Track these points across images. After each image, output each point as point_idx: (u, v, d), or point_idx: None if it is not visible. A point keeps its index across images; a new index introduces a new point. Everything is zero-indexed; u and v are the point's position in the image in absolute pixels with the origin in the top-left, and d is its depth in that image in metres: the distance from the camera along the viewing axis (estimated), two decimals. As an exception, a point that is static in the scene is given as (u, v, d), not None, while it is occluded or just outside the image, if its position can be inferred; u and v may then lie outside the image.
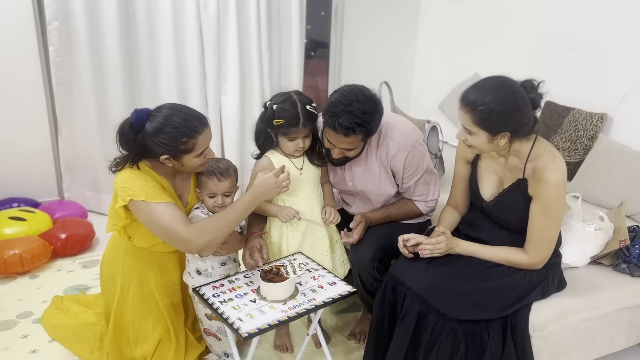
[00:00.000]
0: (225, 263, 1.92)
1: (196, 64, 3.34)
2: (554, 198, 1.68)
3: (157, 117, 1.68)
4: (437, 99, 3.97)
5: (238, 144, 3.62)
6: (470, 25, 3.82)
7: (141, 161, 1.77)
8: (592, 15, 2.91)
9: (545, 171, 1.66)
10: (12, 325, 2.26)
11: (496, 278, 1.76)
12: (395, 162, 2.01)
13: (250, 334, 1.50)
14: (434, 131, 2.90)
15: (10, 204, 3.14)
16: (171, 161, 1.73)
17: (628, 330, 2.04)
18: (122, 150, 1.76)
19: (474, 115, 1.65)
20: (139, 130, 1.68)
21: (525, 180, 1.73)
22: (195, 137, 1.69)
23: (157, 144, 1.67)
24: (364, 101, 1.81)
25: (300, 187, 2.00)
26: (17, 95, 3.12)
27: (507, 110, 1.62)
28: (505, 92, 1.63)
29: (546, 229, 1.72)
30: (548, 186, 1.66)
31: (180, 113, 1.70)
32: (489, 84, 1.67)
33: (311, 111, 1.89)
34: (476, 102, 1.64)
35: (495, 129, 1.66)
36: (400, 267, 1.86)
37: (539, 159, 1.70)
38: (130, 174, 1.73)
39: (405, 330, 1.74)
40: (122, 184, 1.70)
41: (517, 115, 1.63)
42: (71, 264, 2.79)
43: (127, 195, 1.68)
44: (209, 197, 1.83)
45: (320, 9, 4.09)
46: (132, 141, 1.70)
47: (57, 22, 2.94)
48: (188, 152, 1.70)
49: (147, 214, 1.68)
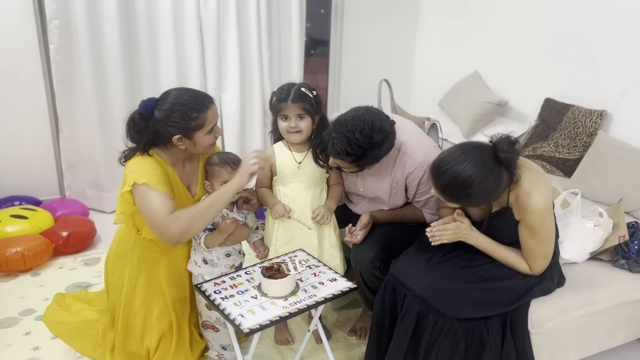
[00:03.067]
0: (230, 254, 1.95)
1: (196, 61, 3.35)
2: (540, 223, 1.67)
3: (166, 100, 1.75)
4: (437, 96, 3.98)
5: (238, 141, 3.63)
6: (470, 23, 3.83)
7: (152, 149, 1.83)
8: (592, 13, 2.92)
9: (528, 199, 1.64)
10: (15, 323, 2.27)
11: (495, 278, 1.77)
12: (410, 179, 1.99)
13: (251, 329, 1.51)
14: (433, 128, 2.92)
15: (12, 202, 3.14)
16: (183, 141, 1.78)
17: (627, 325, 2.05)
18: (132, 141, 1.81)
19: (458, 202, 1.69)
20: (148, 118, 1.75)
21: (509, 209, 1.73)
22: (204, 111, 1.76)
23: (169, 124, 1.73)
24: (369, 135, 1.76)
25: (295, 180, 2.01)
26: (18, 94, 3.13)
27: (488, 195, 1.62)
28: (481, 180, 1.57)
29: (538, 248, 1.73)
30: (532, 213, 1.66)
31: (188, 92, 1.80)
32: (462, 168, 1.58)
33: (305, 92, 1.91)
34: (456, 195, 1.63)
35: (480, 203, 1.73)
36: (400, 267, 1.87)
37: (520, 188, 1.67)
38: (140, 160, 1.79)
39: (405, 330, 1.75)
40: (130, 169, 1.76)
41: (496, 193, 1.63)
42: (73, 261, 2.80)
43: (131, 180, 1.73)
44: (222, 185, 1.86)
45: (320, 6, 4.10)
46: (143, 129, 1.76)
47: (58, 20, 2.95)
48: (199, 128, 1.77)
49: (142, 198, 1.73)
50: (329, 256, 2.09)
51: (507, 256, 1.79)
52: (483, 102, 3.42)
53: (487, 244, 1.80)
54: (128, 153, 1.84)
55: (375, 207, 2.13)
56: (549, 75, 3.22)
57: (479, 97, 3.48)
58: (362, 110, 1.81)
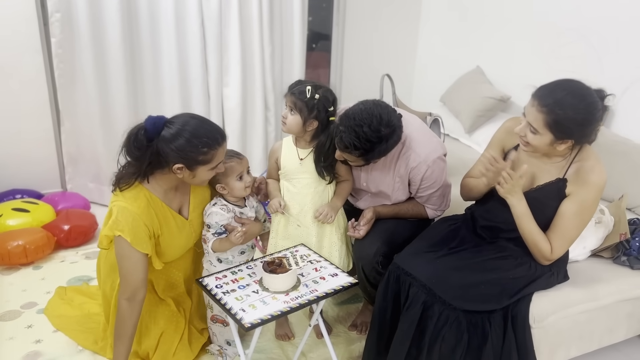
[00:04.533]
0: (244, 252, 1.97)
1: (198, 56, 3.34)
2: (592, 201, 1.68)
3: (177, 124, 1.65)
4: (439, 91, 3.97)
5: (240, 136, 3.62)
6: (472, 18, 3.82)
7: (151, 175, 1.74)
8: (594, 8, 2.91)
9: (591, 173, 1.66)
10: (17, 316, 2.28)
11: (501, 270, 1.78)
12: (413, 174, 1.99)
13: (253, 324, 1.51)
14: (435, 124, 2.91)
15: (14, 195, 3.15)
16: (183, 171, 1.68)
17: (627, 322, 2.06)
18: (129, 157, 1.69)
19: (547, 117, 1.61)
20: (153, 137, 1.63)
21: (564, 180, 1.72)
22: (216, 148, 1.68)
23: (175, 150, 1.63)
24: (377, 128, 1.76)
25: (298, 176, 2.02)
26: (20, 87, 3.12)
27: (584, 121, 1.60)
28: (586, 104, 1.59)
29: (574, 229, 1.73)
30: (590, 188, 1.66)
31: (203, 123, 1.69)
32: (571, 88, 1.62)
33: (304, 91, 1.90)
34: (554, 105, 1.60)
35: (563, 136, 1.63)
36: (405, 257, 1.87)
37: (585, 161, 1.69)
38: (129, 207, 1.69)
39: (411, 319, 1.75)
40: (119, 214, 1.68)
41: (589, 127, 1.62)
42: (74, 255, 2.81)
43: (117, 229, 1.67)
44: (238, 179, 1.85)
45: (322, 0, 4.08)
46: (145, 147, 1.64)
47: (59, 13, 2.94)
48: (205, 163, 1.68)
49: (122, 253, 1.70)
50: (327, 254, 2.09)
51: (535, 231, 1.75)
52: (485, 98, 3.41)
53: (527, 210, 1.75)
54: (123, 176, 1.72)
55: (377, 202, 2.13)
56: (551, 71, 3.18)
57: (481, 92, 3.47)
58: (370, 104, 1.81)
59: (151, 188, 1.75)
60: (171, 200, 1.83)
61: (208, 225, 1.88)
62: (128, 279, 1.72)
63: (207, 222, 1.89)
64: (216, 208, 1.87)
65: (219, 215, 1.86)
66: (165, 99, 3.39)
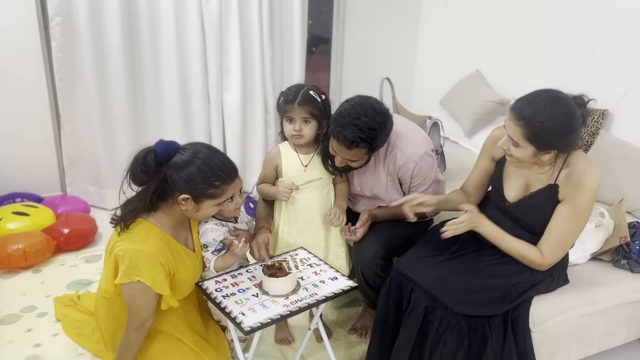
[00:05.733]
0: (242, 264, 1.94)
1: (198, 59, 3.34)
2: (586, 204, 1.67)
3: (189, 151, 1.58)
4: (439, 95, 3.97)
5: (240, 140, 3.62)
6: (472, 22, 3.82)
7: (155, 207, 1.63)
8: (594, 11, 2.91)
9: (583, 176, 1.66)
10: (16, 319, 2.28)
11: (502, 275, 1.78)
12: (402, 172, 2.00)
13: (252, 328, 1.51)
14: (435, 127, 2.91)
15: (14, 198, 3.15)
16: (187, 203, 1.59)
17: (628, 325, 2.05)
18: (134, 182, 1.59)
19: (526, 130, 1.61)
20: (162, 162, 1.56)
21: (556, 186, 1.72)
22: (228, 183, 1.61)
23: (185, 179, 1.55)
24: (373, 116, 1.78)
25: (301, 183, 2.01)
26: (20, 91, 3.13)
27: (562, 132, 1.60)
28: (564, 113, 1.59)
29: (569, 234, 1.72)
30: (584, 191, 1.65)
31: (218, 155, 1.62)
32: (547, 99, 1.61)
33: (313, 96, 1.89)
34: (531, 118, 1.59)
35: (545, 147, 1.63)
36: (407, 262, 1.87)
37: (575, 165, 1.69)
38: (142, 248, 1.56)
39: (413, 325, 1.75)
40: (133, 260, 1.54)
41: (569, 137, 1.62)
42: (74, 258, 2.81)
43: (135, 275, 1.54)
44: (229, 201, 1.71)
45: (322, 4, 4.09)
46: (153, 172, 1.56)
47: (60, 17, 2.95)
48: (214, 197, 1.60)
49: (136, 294, 1.59)
50: (334, 257, 2.10)
51: (517, 245, 1.78)
52: (485, 101, 3.41)
53: (498, 232, 1.80)
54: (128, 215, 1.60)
55: (374, 205, 2.14)
56: (551, 74, 3.21)
57: (480, 95, 3.48)
58: (356, 99, 1.85)
59: (160, 224, 1.65)
60: (179, 235, 1.74)
61: (205, 245, 1.80)
62: (140, 314, 1.63)
63: (203, 242, 1.80)
64: (210, 225, 1.81)
65: (215, 231, 1.80)
66: (165, 103, 3.39)
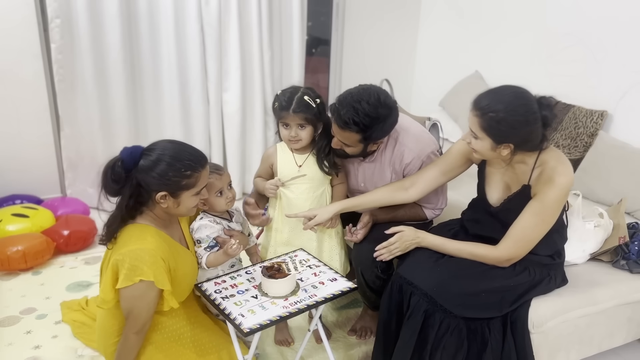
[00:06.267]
0: (234, 265, 1.94)
1: (198, 61, 3.35)
2: (554, 200, 1.68)
3: (156, 151, 1.58)
4: (438, 96, 3.97)
5: (239, 142, 3.63)
6: (471, 23, 3.83)
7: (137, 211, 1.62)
8: (593, 12, 2.91)
9: (554, 173, 1.66)
10: (16, 321, 2.28)
11: (501, 278, 1.77)
12: (409, 170, 2.00)
13: (251, 329, 1.51)
14: (434, 128, 2.92)
15: (13, 200, 3.15)
16: (167, 200, 1.59)
17: (627, 326, 2.05)
18: (107, 193, 1.60)
19: (482, 120, 1.65)
20: (131, 168, 1.56)
21: (529, 187, 1.73)
22: (199, 170, 1.61)
23: (157, 177, 1.55)
24: (375, 105, 1.78)
25: (296, 182, 2.02)
26: (20, 93, 3.13)
27: (516, 122, 1.61)
28: (518, 105, 1.61)
29: (532, 229, 1.72)
30: (553, 187, 1.66)
31: (184, 147, 1.63)
32: (505, 92, 1.65)
33: (308, 102, 1.89)
34: (487, 108, 1.63)
35: (500, 139, 1.66)
36: (407, 266, 1.87)
37: (546, 164, 1.70)
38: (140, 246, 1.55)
39: (413, 329, 1.75)
40: (133, 260, 1.52)
41: (524, 129, 1.62)
42: (74, 260, 2.81)
43: (136, 276, 1.52)
44: (218, 195, 1.81)
45: (321, 6, 4.10)
46: (123, 180, 1.56)
47: (59, 19, 2.95)
48: (189, 187, 1.61)
49: (138, 295, 1.55)
50: (328, 259, 2.09)
51: (464, 247, 1.82)
52: (484, 102, 3.41)
53: (440, 241, 1.85)
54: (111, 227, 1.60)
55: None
56: (549, 75, 3.21)
57: (480, 97, 3.48)
58: (368, 85, 1.85)
59: (152, 224, 1.65)
60: (172, 233, 1.73)
61: (198, 241, 1.81)
62: (141, 316, 1.60)
63: (196, 237, 1.82)
64: (204, 221, 1.82)
65: (209, 227, 1.81)
66: (165, 104, 3.39)
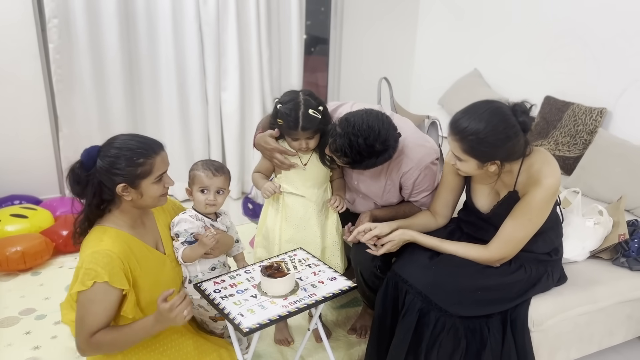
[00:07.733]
0: (215, 268, 1.87)
1: (196, 60, 3.34)
2: (541, 201, 1.66)
3: (111, 146, 1.60)
4: (437, 94, 3.97)
5: (238, 141, 3.63)
6: (470, 21, 3.82)
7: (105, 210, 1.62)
8: (591, 10, 2.91)
9: (541, 175, 1.65)
10: (15, 322, 2.28)
11: (497, 275, 1.77)
12: (405, 178, 1.99)
13: (251, 329, 1.51)
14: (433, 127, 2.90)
15: (12, 201, 3.15)
16: (129, 191, 1.59)
17: (627, 323, 2.05)
18: (74, 194, 1.62)
19: (463, 144, 1.63)
20: (90, 167, 1.58)
21: (516, 192, 1.73)
22: (152, 157, 1.59)
23: (113, 172, 1.56)
24: (371, 144, 1.75)
25: (301, 181, 2.02)
26: (18, 93, 3.13)
27: (497, 141, 1.60)
28: (497, 122, 1.59)
29: (519, 229, 1.71)
30: (539, 188, 1.65)
31: (135, 137, 1.63)
32: (480, 111, 1.62)
33: (314, 116, 1.88)
34: (466, 131, 1.61)
35: (485, 158, 1.65)
36: (402, 264, 1.87)
37: (531, 167, 1.69)
38: (95, 247, 1.53)
39: (407, 327, 1.75)
40: (86, 263, 1.50)
41: (507, 145, 1.61)
42: (73, 260, 2.80)
43: (89, 279, 1.48)
44: (200, 191, 1.79)
45: (319, 4, 4.09)
46: (84, 180, 1.58)
47: (57, 19, 2.95)
48: (146, 175, 1.59)
49: (94, 298, 1.50)
50: (330, 254, 2.10)
51: (457, 249, 1.81)
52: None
53: (435, 241, 1.85)
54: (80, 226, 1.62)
55: (369, 203, 2.15)
56: (549, 73, 3.21)
57: (479, 95, 3.47)
58: (373, 116, 1.78)
59: (115, 225, 1.63)
60: (143, 236, 1.70)
61: (177, 235, 1.77)
62: (94, 323, 1.52)
63: (175, 231, 1.78)
64: (185, 215, 1.80)
65: (188, 222, 1.78)
66: (163, 104, 3.39)
